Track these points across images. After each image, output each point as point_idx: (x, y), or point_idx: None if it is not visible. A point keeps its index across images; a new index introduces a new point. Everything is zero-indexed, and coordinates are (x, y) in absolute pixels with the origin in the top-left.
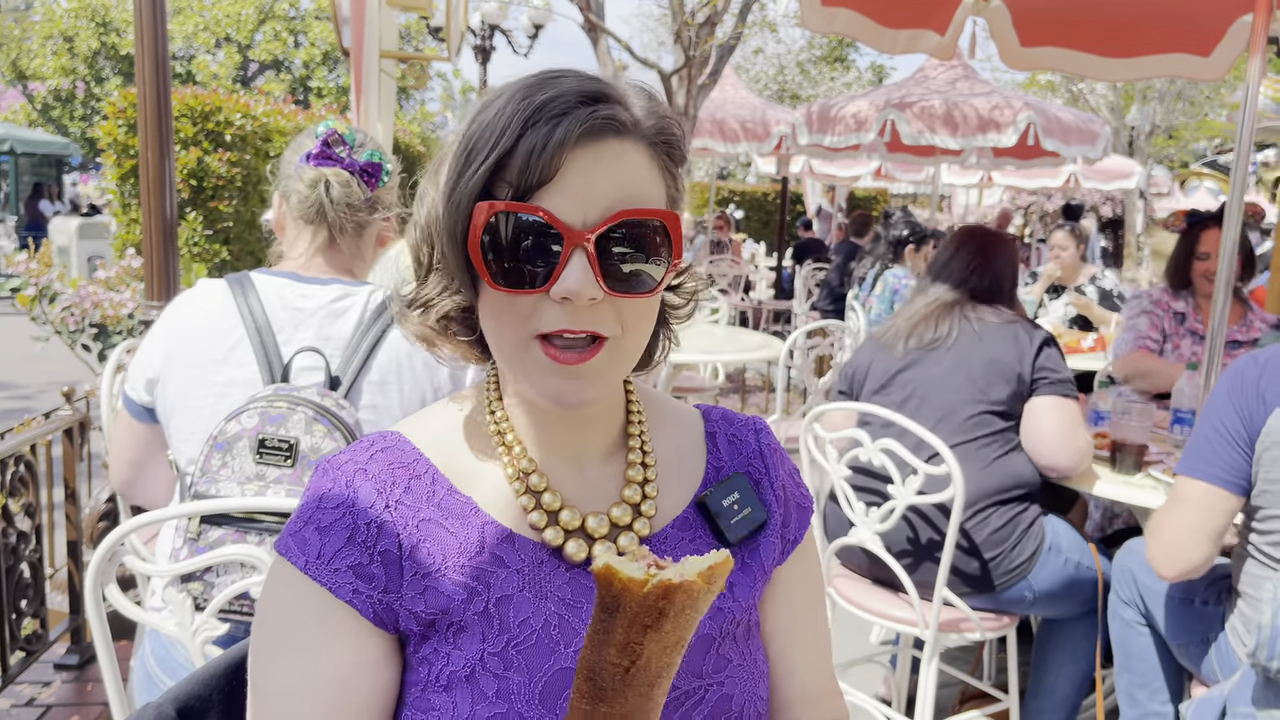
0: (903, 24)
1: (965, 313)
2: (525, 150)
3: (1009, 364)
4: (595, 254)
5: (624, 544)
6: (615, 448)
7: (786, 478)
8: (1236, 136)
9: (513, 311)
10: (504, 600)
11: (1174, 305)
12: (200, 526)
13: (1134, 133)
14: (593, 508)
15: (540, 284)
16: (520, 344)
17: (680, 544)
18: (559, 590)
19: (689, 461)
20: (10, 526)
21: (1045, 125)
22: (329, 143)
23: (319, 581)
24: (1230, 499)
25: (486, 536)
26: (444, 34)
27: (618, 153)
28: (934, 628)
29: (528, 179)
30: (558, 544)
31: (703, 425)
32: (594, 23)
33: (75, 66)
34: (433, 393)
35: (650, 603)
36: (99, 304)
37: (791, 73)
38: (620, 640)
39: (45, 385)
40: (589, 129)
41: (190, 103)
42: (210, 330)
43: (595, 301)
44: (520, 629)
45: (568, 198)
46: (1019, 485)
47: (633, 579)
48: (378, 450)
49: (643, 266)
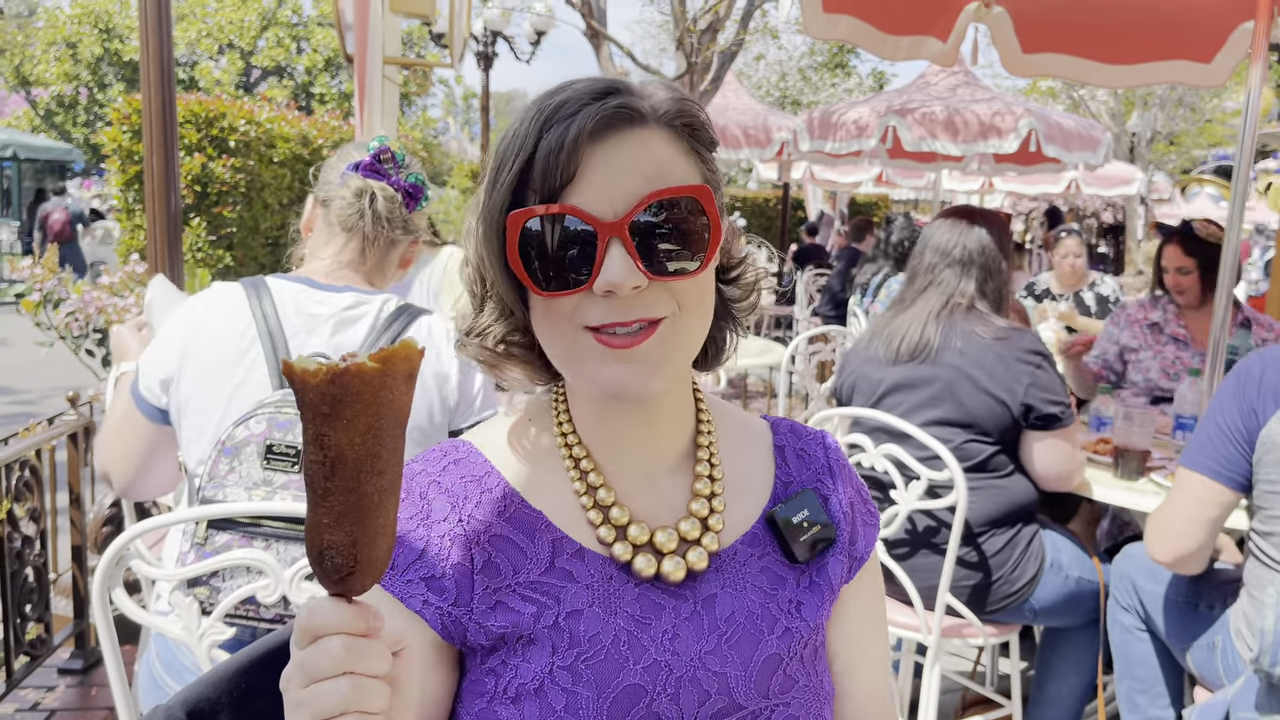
0: (904, 30)
1: (954, 319)
2: (544, 154)
3: (997, 395)
4: (631, 241)
5: (693, 560)
6: (684, 458)
7: (854, 493)
8: (1238, 143)
9: (561, 311)
10: (574, 615)
11: (1150, 316)
12: (207, 532)
13: (1135, 139)
14: (661, 521)
15: (584, 282)
16: (571, 339)
17: (750, 560)
18: (628, 606)
19: (758, 475)
20: (15, 531)
21: (1046, 131)
22: (380, 158)
23: (389, 591)
24: (1227, 493)
25: (556, 551)
26: (447, 40)
27: (637, 141)
28: (936, 633)
29: (551, 181)
30: (626, 559)
31: (771, 437)
32: (596, 29)
33: (78, 72)
34: (440, 403)
35: (324, 390)
36: (103, 309)
37: (793, 79)
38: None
39: (49, 390)
40: (602, 121)
41: (194, 109)
42: (224, 333)
43: (640, 290)
44: (590, 644)
45: (594, 192)
46: (1013, 508)
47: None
48: (450, 462)
49: (683, 246)
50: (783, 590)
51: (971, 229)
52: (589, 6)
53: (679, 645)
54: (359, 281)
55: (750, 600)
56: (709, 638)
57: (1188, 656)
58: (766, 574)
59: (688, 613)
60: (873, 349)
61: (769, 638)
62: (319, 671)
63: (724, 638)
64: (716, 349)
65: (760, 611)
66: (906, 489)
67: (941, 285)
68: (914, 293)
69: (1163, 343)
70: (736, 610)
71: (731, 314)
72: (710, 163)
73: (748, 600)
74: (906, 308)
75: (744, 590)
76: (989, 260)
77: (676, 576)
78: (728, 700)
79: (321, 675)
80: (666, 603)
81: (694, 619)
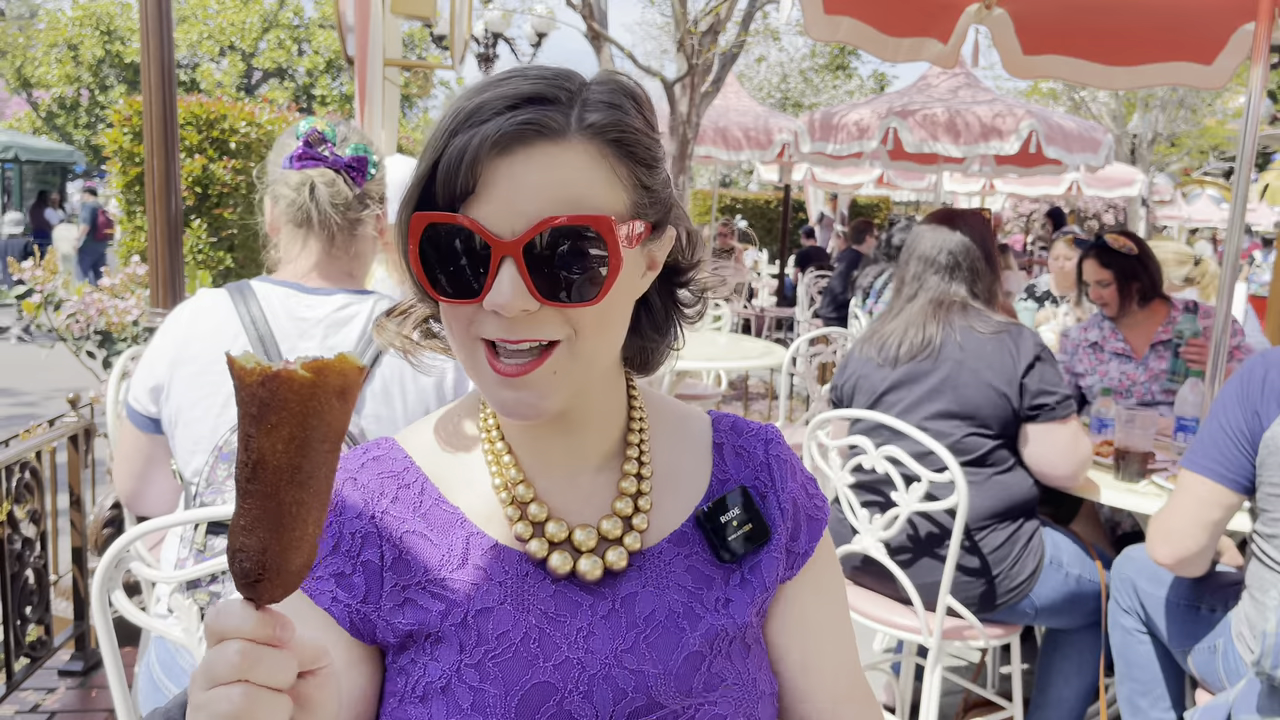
0: (905, 32)
1: (951, 318)
2: (448, 160)
3: (998, 388)
4: (524, 264)
5: (612, 559)
6: (612, 457)
7: (798, 489)
8: (1238, 145)
9: (458, 318)
10: (484, 612)
11: (1088, 336)
12: (206, 539)
13: (1136, 140)
14: (583, 519)
15: (476, 294)
16: (470, 349)
17: (675, 560)
18: (541, 603)
19: (692, 473)
20: (15, 533)
21: (1047, 133)
22: (310, 142)
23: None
24: (1230, 495)
25: (471, 548)
26: (448, 42)
27: (548, 158)
28: (937, 635)
29: (450, 189)
30: (541, 556)
31: (710, 435)
32: (597, 31)
33: (80, 74)
34: (437, 401)
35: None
36: (104, 311)
37: (794, 80)
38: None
39: (50, 392)
40: (510, 135)
41: (195, 110)
42: (214, 340)
43: (530, 313)
44: (498, 641)
45: (495, 206)
46: (1013, 503)
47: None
48: (370, 459)
49: (581, 274)
50: (709, 589)
51: (953, 233)
52: (590, 8)
53: (593, 643)
54: (343, 279)
55: (672, 599)
56: (626, 635)
57: (1189, 659)
58: (692, 573)
59: (605, 611)
60: (868, 353)
61: (691, 635)
62: (216, 675)
63: (642, 635)
64: (650, 354)
65: (683, 610)
66: (907, 491)
67: (929, 289)
68: (903, 300)
69: (1105, 361)
70: (657, 609)
71: (674, 318)
72: (642, 177)
73: (669, 599)
74: (897, 313)
75: (666, 589)
76: (973, 261)
77: (593, 575)
78: (646, 698)
79: (219, 680)
80: (583, 600)
81: (611, 617)
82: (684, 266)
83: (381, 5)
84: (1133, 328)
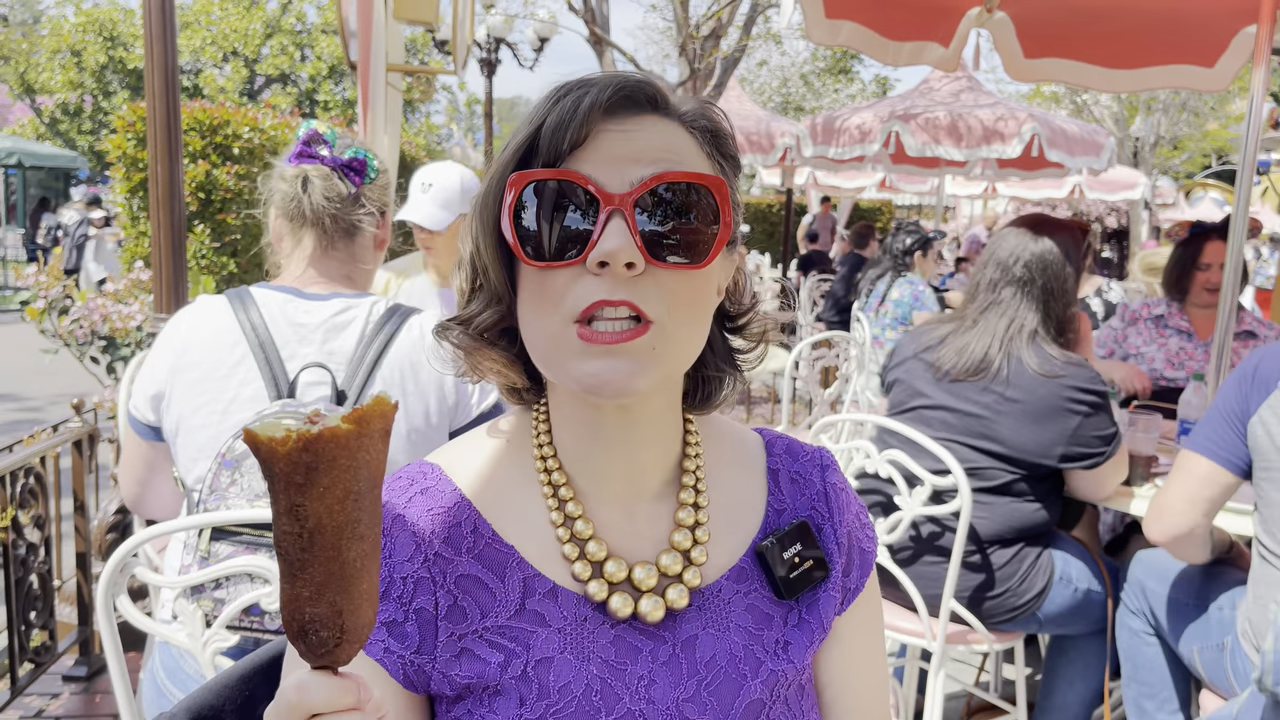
0: (907, 36)
1: (1012, 347)
2: (555, 119)
3: (1039, 440)
4: (634, 218)
5: (673, 598)
6: (668, 484)
7: (852, 519)
8: (1241, 147)
9: (549, 293)
10: (544, 663)
11: (1154, 310)
12: (210, 545)
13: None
14: (641, 555)
15: (577, 255)
16: (557, 330)
17: (735, 597)
18: (602, 651)
19: (748, 503)
20: (20, 538)
21: (1050, 137)
22: (309, 141)
23: None
24: (1225, 475)
25: (528, 591)
26: (450, 47)
27: (655, 125)
28: (941, 639)
29: (558, 144)
30: (601, 598)
31: (765, 459)
32: (599, 36)
33: (83, 80)
34: (437, 403)
35: (296, 459)
36: (107, 316)
37: (796, 85)
38: (284, 506)
39: (54, 397)
40: (619, 95)
41: (199, 116)
42: (213, 347)
43: (635, 270)
44: (560, 695)
45: (603, 163)
46: (1024, 528)
47: (273, 439)
48: (417, 492)
49: (688, 238)
50: (769, 630)
51: (1037, 240)
52: (592, 13)
53: (655, 692)
54: (339, 282)
55: (733, 642)
56: (688, 684)
57: (1196, 658)
58: (752, 612)
59: (665, 656)
60: (927, 358)
61: (752, 682)
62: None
63: (704, 683)
64: (709, 390)
65: (743, 654)
66: (911, 494)
67: (1002, 306)
68: (976, 310)
69: (1167, 335)
70: (718, 653)
71: (734, 361)
72: (727, 169)
73: (730, 642)
74: (969, 326)
75: (727, 630)
76: (1050, 280)
77: (655, 617)
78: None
79: None
80: (644, 645)
81: (672, 663)
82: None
83: (384, 11)
84: (1200, 312)
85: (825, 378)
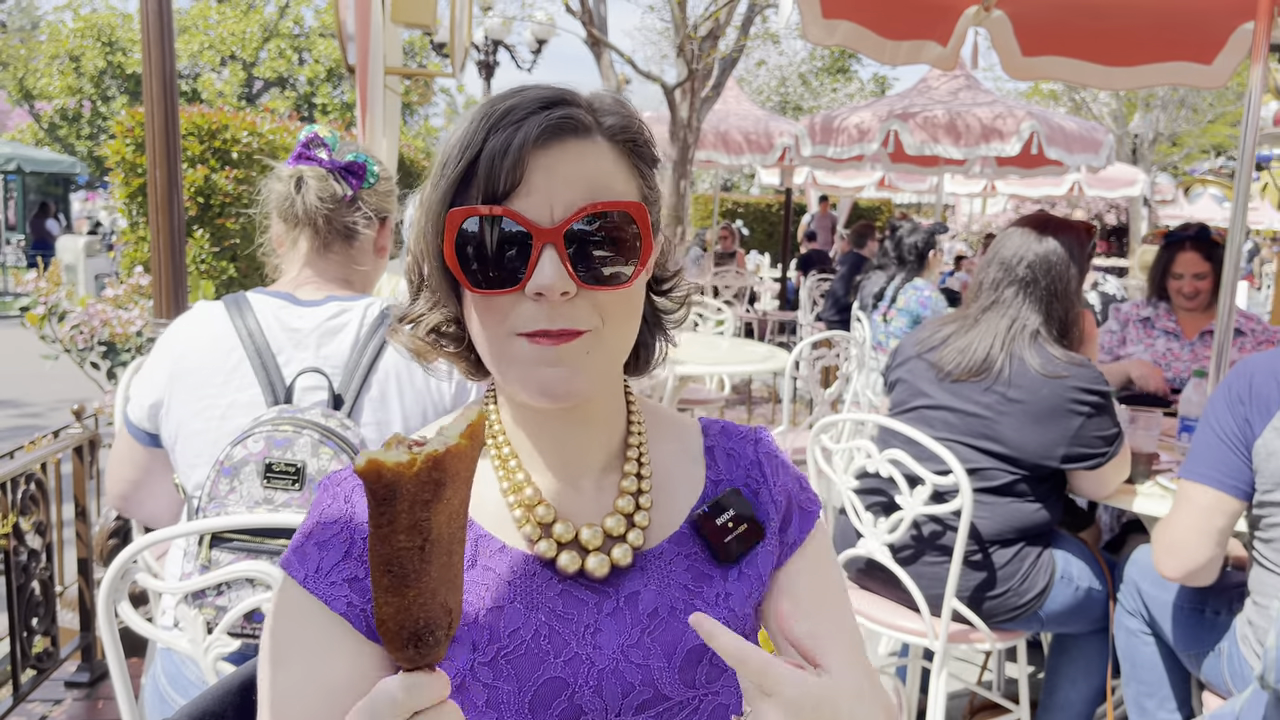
0: (904, 35)
1: (1015, 347)
2: (489, 156)
3: (1040, 440)
4: (564, 249)
5: (617, 555)
6: (614, 460)
7: (790, 481)
8: (1239, 145)
9: (493, 312)
10: (495, 610)
11: (1141, 312)
12: (210, 554)
13: (1137, 140)
14: (587, 519)
15: (515, 283)
16: (502, 341)
17: (676, 559)
18: (550, 602)
19: (687, 476)
20: (21, 544)
21: (1048, 134)
22: (308, 144)
23: (316, 595)
24: (1233, 502)
25: (479, 549)
26: (448, 50)
27: (580, 151)
28: (943, 638)
29: (494, 185)
30: (550, 556)
31: (701, 440)
32: (597, 37)
33: (81, 85)
34: (433, 404)
35: (425, 478)
36: (107, 322)
37: (794, 84)
38: (406, 524)
39: (55, 403)
40: (548, 130)
41: (197, 121)
42: (210, 353)
43: (569, 296)
44: (510, 639)
45: (534, 198)
46: (1024, 528)
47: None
48: None
49: (614, 258)
50: (709, 586)
51: (1041, 240)
52: (590, 14)
53: (600, 639)
54: (335, 285)
55: (674, 595)
56: (631, 631)
57: (1194, 662)
58: (692, 571)
59: (610, 609)
60: (929, 358)
61: (692, 630)
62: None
63: (646, 631)
64: (646, 355)
65: (684, 606)
66: (911, 494)
67: (1004, 306)
68: (978, 310)
69: (1154, 336)
70: (660, 605)
71: (662, 324)
72: (650, 180)
73: (671, 595)
74: (971, 326)
75: (667, 587)
76: (1054, 281)
77: (600, 572)
78: (653, 691)
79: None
80: (589, 599)
81: (616, 615)
82: (666, 275)
83: (382, 14)
84: (1185, 314)
85: (826, 377)
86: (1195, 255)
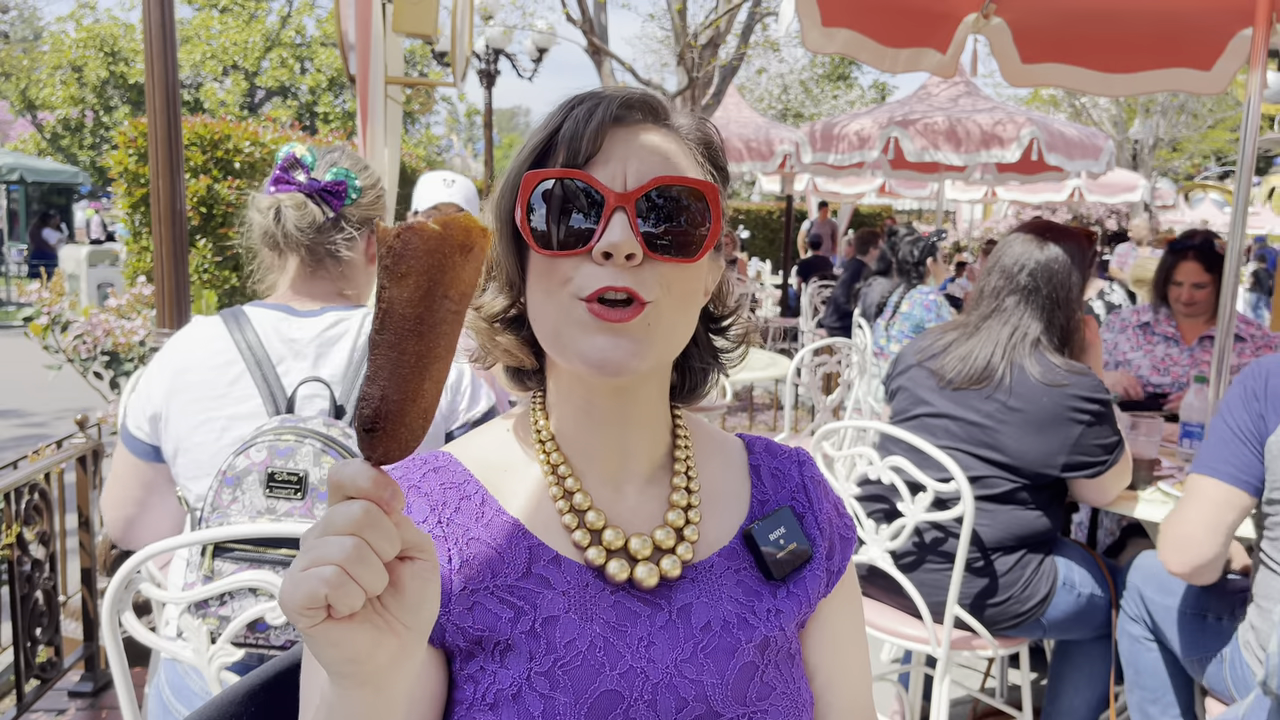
0: (903, 43)
1: (1015, 355)
2: (570, 127)
3: (1041, 449)
4: (635, 214)
5: (666, 567)
6: (659, 470)
7: (830, 509)
8: (1239, 150)
9: (557, 276)
10: (550, 620)
11: (1139, 318)
12: (213, 564)
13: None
14: (636, 529)
15: (583, 245)
16: (564, 307)
17: (726, 573)
18: (604, 613)
19: (734, 492)
20: (25, 554)
21: (1048, 140)
22: (286, 167)
23: None
24: (1244, 497)
25: (533, 558)
26: (449, 59)
27: (658, 134)
28: (946, 645)
29: (573, 153)
30: (600, 563)
31: (746, 457)
32: (598, 46)
33: (84, 96)
34: (447, 398)
35: (390, 244)
36: (110, 331)
37: (794, 91)
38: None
39: (58, 413)
40: (625, 110)
41: (200, 131)
42: (209, 366)
43: (634, 261)
44: (566, 650)
45: (610, 166)
46: (1026, 538)
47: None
48: (429, 470)
49: (683, 232)
50: (759, 601)
51: (1043, 247)
52: (590, 23)
53: (654, 653)
54: (333, 298)
55: (726, 610)
56: (684, 645)
57: (1196, 668)
58: (742, 586)
59: (663, 621)
60: (930, 366)
61: (745, 646)
62: (333, 525)
63: (700, 646)
64: (694, 382)
65: (736, 621)
66: (914, 501)
67: (1005, 314)
68: (979, 317)
69: (1154, 342)
70: (713, 619)
71: (718, 359)
72: (720, 182)
73: (723, 609)
74: (972, 334)
75: (719, 600)
76: (1055, 289)
77: (650, 582)
78: (705, 707)
79: (334, 530)
80: (641, 610)
81: (669, 627)
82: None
83: (383, 23)
84: (1185, 319)
85: (827, 384)
86: (1197, 265)
